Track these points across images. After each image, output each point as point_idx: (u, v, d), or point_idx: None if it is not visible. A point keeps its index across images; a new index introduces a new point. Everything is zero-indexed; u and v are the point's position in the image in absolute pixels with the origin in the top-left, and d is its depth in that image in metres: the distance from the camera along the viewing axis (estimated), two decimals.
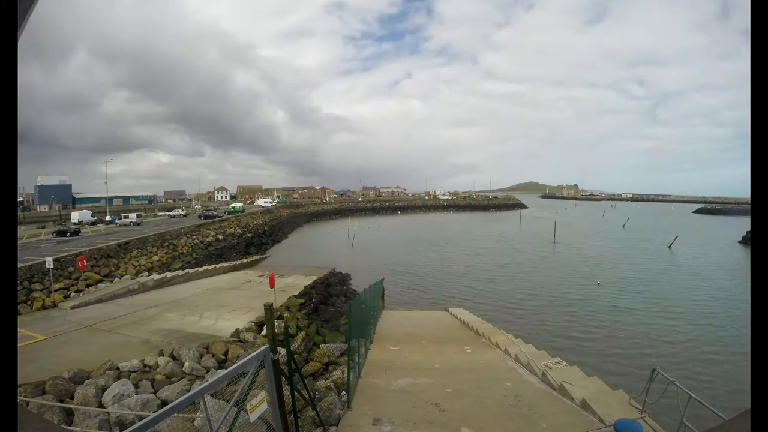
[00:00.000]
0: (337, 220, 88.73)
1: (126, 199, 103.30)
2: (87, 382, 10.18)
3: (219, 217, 56.03)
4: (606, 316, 21.30)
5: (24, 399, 8.75)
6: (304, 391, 6.49)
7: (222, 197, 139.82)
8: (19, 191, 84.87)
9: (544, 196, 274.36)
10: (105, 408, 8.90)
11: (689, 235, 59.60)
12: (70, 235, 36.55)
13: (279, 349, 6.36)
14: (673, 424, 5.95)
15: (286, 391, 5.18)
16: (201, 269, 29.72)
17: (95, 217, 55.71)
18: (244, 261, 36.31)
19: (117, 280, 24.52)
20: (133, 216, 51.16)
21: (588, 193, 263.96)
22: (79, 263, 22.37)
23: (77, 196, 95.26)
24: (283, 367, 5.03)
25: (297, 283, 26.71)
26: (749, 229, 46.84)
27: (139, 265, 28.33)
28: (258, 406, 4.20)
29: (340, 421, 6.78)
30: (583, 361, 13.09)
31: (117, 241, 30.84)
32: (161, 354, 12.31)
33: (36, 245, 30.75)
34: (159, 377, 10.72)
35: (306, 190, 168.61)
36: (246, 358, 4.31)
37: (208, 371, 11.39)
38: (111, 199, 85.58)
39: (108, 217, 57.08)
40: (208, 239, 41.44)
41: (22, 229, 46.00)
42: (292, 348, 10.23)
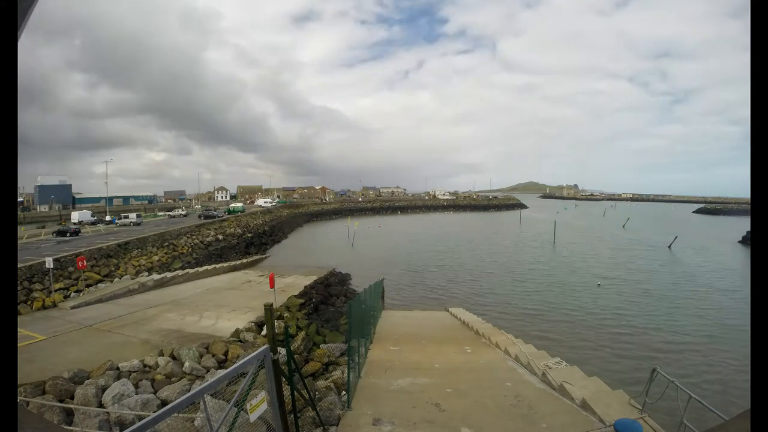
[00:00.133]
0: (337, 220, 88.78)
1: (126, 199, 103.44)
2: (87, 382, 10.18)
3: (219, 217, 56.06)
4: (606, 317, 21.30)
5: (24, 399, 8.75)
6: (304, 391, 6.49)
7: (222, 197, 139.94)
8: (19, 191, 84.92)
9: (544, 196, 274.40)
10: (105, 408, 8.90)
11: (689, 236, 59.58)
12: (70, 235, 36.54)
13: (279, 349, 6.37)
14: (673, 424, 5.95)
15: (286, 391, 5.18)
16: (201, 269, 29.73)
17: (95, 217, 55.76)
18: (244, 261, 36.33)
19: (117, 280, 24.52)
20: (133, 216, 51.19)
21: (588, 193, 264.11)
22: (79, 263, 22.37)
23: (77, 196, 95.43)
24: (283, 367, 5.03)
25: (297, 283, 26.70)
26: (749, 229, 46.87)
27: (139, 265, 28.33)
28: (258, 406, 4.20)
29: (340, 421, 6.79)
30: (583, 361, 13.09)
31: (117, 241, 30.84)
32: (161, 354, 12.30)
33: (36, 245, 30.75)
34: (159, 377, 10.72)
35: (306, 190, 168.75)
36: (246, 358, 4.31)
37: (208, 371, 11.38)
38: (111, 199, 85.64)
39: (108, 217, 57.09)
40: (208, 239, 41.45)
41: (22, 229, 46.01)
42: (292, 348, 10.23)
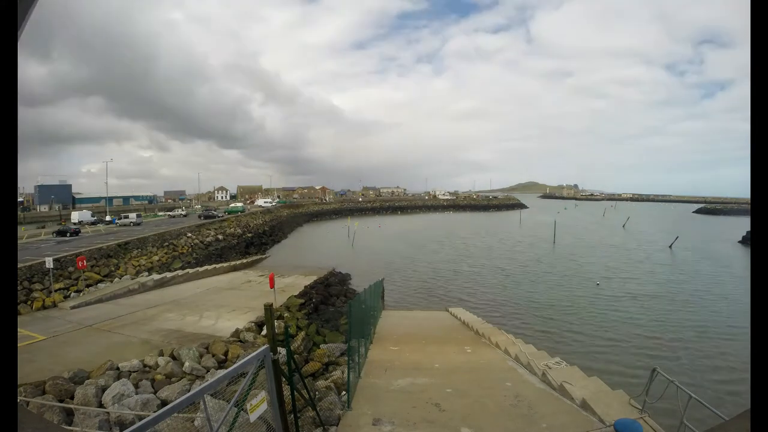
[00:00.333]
0: (337, 220, 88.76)
1: (126, 199, 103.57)
2: (87, 382, 10.18)
3: (219, 217, 56.02)
4: (606, 316, 21.29)
5: (24, 399, 8.75)
6: (304, 391, 6.49)
7: (222, 197, 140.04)
8: (19, 191, 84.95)
9: (545, 196, 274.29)
10: (105, 408, 8.90)
11: (689, 235, 59.57)
12: (70, 235, 36.53)
13: (279, 349, 6.37)
14: (673, 424, 5.95)
15: (286, 391, 5.18)
16: (201, 269, 29.74)
17: (95, 217, 55.78)
18: (244, 261, 36.34)
19: (117, 280, 24.52)
20: (133, 216, 51.19)
21: (588, 193, 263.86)
22: (79, 263, 22.37)
23: (77, 196, 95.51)
24: (283, 367, 5.03)
25: (297, 283, 26.70)
26: (749, 229, 46.86)
27: (139, 265, 28.33)
28: (258, 406, 4.21)
29: (340, 421, 6.79)
30: (583, 361, 13.10)
31: (117, 241, 30.83)
32: (161, 354, 12.30)
33: (36, 245, 30.74)
34: (159, 377, 10.72)
35: (306, 190, 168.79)
36: (246, 358, 4.31)
37: (208, 371, 11.38)
38: (111, 199, 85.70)
39: (108, 217, 57.10)
40: (208, 239, 41.46)
41: (22, 229, 46.01)
42: (292, 348, 10.22)
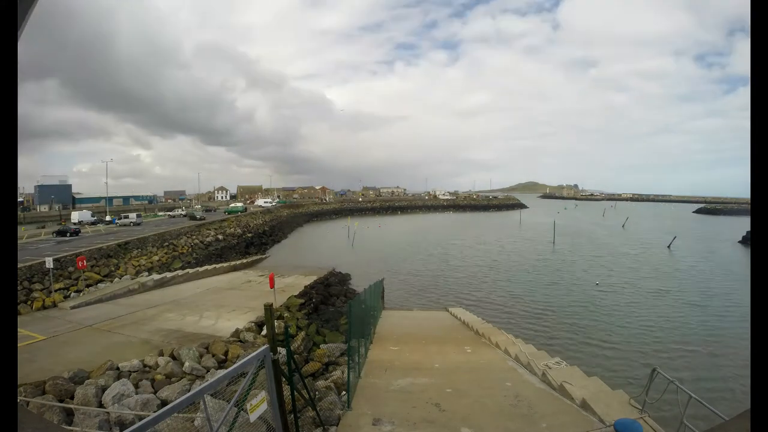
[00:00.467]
0: (337, 220, 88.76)
1: (126, 199, 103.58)
2: (87, 382, 10.17)
3: (203, 219, 52.51)
4: (605, 316, 21.29)
5: (24, 399, 8.75)
6: (304, 391, 6.50)
7: (222, 197, 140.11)
8: (19, 191, 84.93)
9: (545, 196, 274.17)
10: (105, 408, 8.89)
11: (689, 235, 59.61)
12: (70, 235, 36.52)
13: (279, 349, 6.37)
14: (673, 424, 5.95)
15: (286, 391, 5.18)
16: (201, 269, 29.74)
17: (95, 217, 55.75)
18: (244, 261, 36.34)
19: (117, 280, 24.51)
20: (133, 216, 51.16)
21: (588, 194, 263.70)
22: (79, 263, 22.37)
23: (77, 196, 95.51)
24: (283, 367, 5.03)
25: (297, 283, 26.70)
26: (749, 229, 46.86)
27: (139, 265, 28.33)
28: (258, 406, 4.21)
29: (340, 421, 6.79)
30: (583, 361, 13.12)
31: (117, 241, 30.84)
32: (161, 354, 12.30)
33: (36, 245, 30.74)
34: (159, 377, 10.71)
35: (306, 190, 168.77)
36: (246, 358, 4.31)
37: (208, 371, 11.38)
38: (111, 199, 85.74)
39: (108, 217, 57.09)
40: (208, 239, 41.47)
41: (22, 229, 45.99)
42: (292, 348, 10.23)
